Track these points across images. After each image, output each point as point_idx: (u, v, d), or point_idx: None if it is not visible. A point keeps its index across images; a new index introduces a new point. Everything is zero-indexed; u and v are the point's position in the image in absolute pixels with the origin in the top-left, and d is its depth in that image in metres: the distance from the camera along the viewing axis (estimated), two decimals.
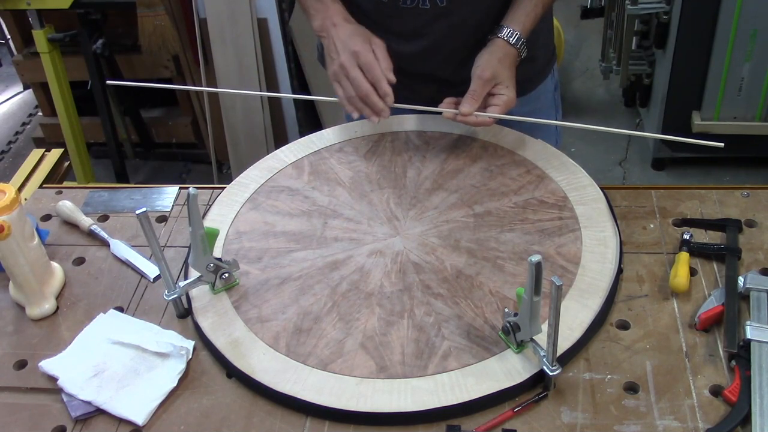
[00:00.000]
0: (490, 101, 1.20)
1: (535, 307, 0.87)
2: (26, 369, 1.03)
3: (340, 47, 1.22)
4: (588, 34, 3.77)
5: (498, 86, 1.19)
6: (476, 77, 1.19)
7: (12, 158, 3.45)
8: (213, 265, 1.05)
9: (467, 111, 1.17)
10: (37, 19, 2.55)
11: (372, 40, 1.23)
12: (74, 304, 1.12)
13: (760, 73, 2.50)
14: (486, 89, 1.19)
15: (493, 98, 1.20)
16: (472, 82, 1.19)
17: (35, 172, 1.57)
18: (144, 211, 0.95)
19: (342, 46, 1.22)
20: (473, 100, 1.18)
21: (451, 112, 1.20)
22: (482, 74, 1.19)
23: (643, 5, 2.61)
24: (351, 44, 1.21)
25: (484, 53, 1.22)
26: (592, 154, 3.07)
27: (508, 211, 1.15)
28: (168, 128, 3.19)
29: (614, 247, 1.07)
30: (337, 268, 1.09)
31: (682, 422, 0.87)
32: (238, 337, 1.01)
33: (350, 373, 0.94)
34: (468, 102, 1.18)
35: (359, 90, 1.21)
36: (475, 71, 1.20)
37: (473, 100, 1.18)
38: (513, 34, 1.21)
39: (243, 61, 2.74)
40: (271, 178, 1.28)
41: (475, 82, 1.19)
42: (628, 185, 1.71)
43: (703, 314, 0.98)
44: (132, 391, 0.96)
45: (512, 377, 0.92)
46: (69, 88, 2.73)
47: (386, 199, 1.21)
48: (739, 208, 1.16)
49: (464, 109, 1.17)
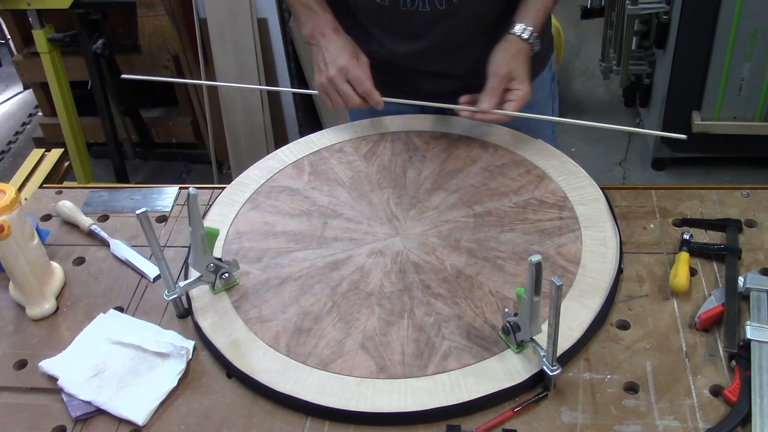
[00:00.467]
0: (506, 97, 1.22)
1: (535, 307, 0.87)
2: (26, 369, 1.03)
3: (329, 60, 1.26)
4: (588, 34, 3.77)
5: (513, 81, 1.21)
6: (492, 74, 1.21)
7: (12, 158, 3.45)
8: (213, 265, 1.05)
9: (486, 107, 1.19)
10: (37, 19, 2.55)
11: (359, 55, 1.28)
12: (74, 304, 1.12)
13: (760, 73, 2.50)
14: (503, 85, 1.21)
15: (510, 93, 1.21)
16: (489, 79, 1.21)
17: (35, 172, 1.57)
18: (144, 211, 0.95)
19: (330, 60, 1.26)
20: (491, 97, 1.20)
21: (468, 110, 1.22)
22: (498, 71, 1.20)
23: (643, 5, 2.61)
24: (339, 59, 1.25)
25: (498, 50, 1.23)
26: (592, 154, 3.07)
27: (508, 211, 1.15)
28: (168, 128, 3.19)
29: (614, 247, 1.07)
30: (337, 268, 1.09)
31: (682, 422, 0.87)
32: (238, 337, 1.01)
33: (350, 373, 0.94)
34: (486, 99, 1.20)
35: (350, 103, 1.26)
36: (491, 68, 1.21)
37: (491, 96, 1.20)
38: (525, 29, 1.22)
39: (243, 61, 2.74)
40: (271, 178, 1.28)
41: (491, 79, 1.21)
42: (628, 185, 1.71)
43: (703, 314, 0.98)
44: (132, 391, 0.96)
45: (512, 377, 0.92)
46: (69, 88, 2.73)
47: (386, 199, 1.21)
48: (739, 208, 1.16)
49: (483, 105, 1.19)
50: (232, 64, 2.75)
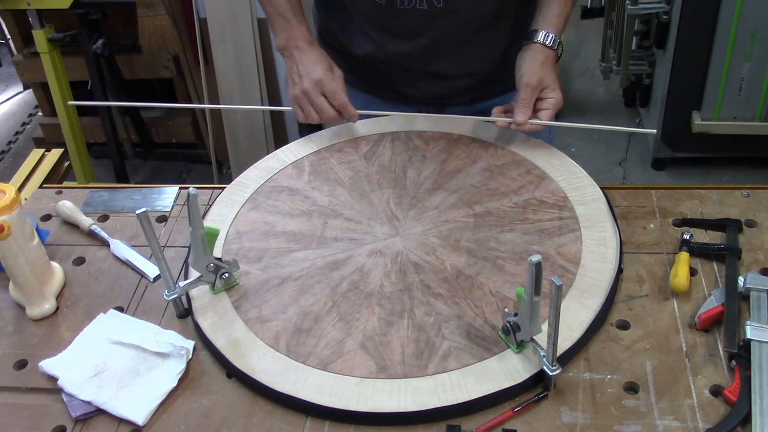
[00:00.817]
0: (539, 105, 1.22)
1: (535, 307, 0.87)
2: (26, 369, 1.02)
3: (303, 72, 1.26)
4: (588, 34, 3.77)
5: (545, 90, 1.22)
6: (524, 85, 1.21)
7: (12, 158, 3.45)
8: (213, 265, 1.05)
9: (522, 120, 1.20)
10: (37, 19, 2.55)
11: (333, 69, 1.28)
12: (74, 304, 1.12)
13: (760, 73, 2.50)
14: (535, 95, 1.21)
15: (542, 102, 1.22)
16: (521, 91, 1.21)
17: (35, 172, 1.57)
18: (144, 211, 0.95)
19: (305, 72, 1.26)
20: (525, 108, 1.20)
21: (505, 121, 1.22)
22: (529, 82, 1.20)
23: (643, 5, 2.61)
24: (314, 72, 1.25)
25: (525, 60, 1.23)
26: (592, 154, 3.08)
27: (508, 211, 1.15)
28: (168, 128, 3.19)
29: (614, 247, 1.07)
30: (337, 268, 1.09)
31: (682, 422, 0.87)
32: (238, 337, 1.01)
33: (350, 373, 0.94)
34: (521, 111, 1.20)
35: (324, 115, 1.26)
36: (521, 80, 1.21)
37: (525, 108, 1.20)
38: (548, 36, 1.22)
39: (243, 61, 2.74)
40: (271, 178, 1.28)
41: (523, 91, 1.21)
42: (628, 185, 1.71)
43: (703, 314, 0.98)
44: (132, 391, 0.96)
45: (512, 377, 0.91)
46: (69, 88, 2.73)
47: (386, 199, 1.21)
48: (739, 208, 1.16)
49: (519, 119, 1.20)
50: (232, 64, 2.75)
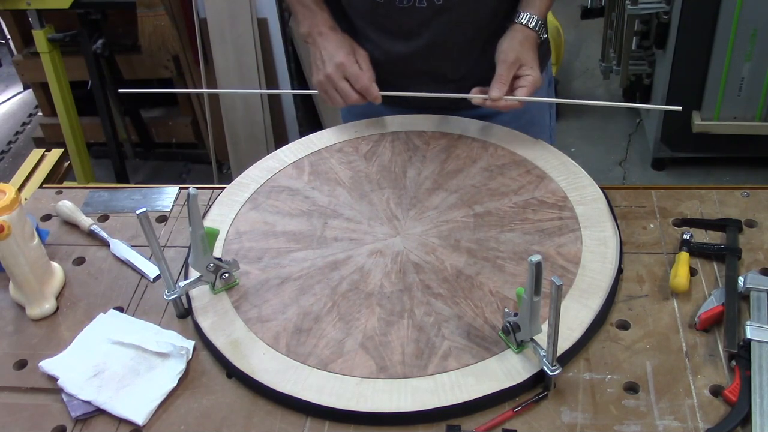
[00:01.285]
0: (516, 83, 1.22)
1: (535, 307, 0.87)
2: (26, 369, 1.03)
3: (326, 58, 1.27)
4: (588, 34, 3.77)
5: (522, 68, 1.21)
6: (501, 62, 1.21)
7: (12, 158, 3.45)
8: (213, 265, 1.05)
9: (497, 96, 1.20)
10: (37, 19, 2.55)
11: (356, 50, 1.28)
12: (74, 304, 1.12)
13: (760, 73, 2.50)
14: (512, 72, 1.21)
15: (519, 80, 1.22)
16: (498, 67, 1.21)
17: (35, 172, 1.57)
18: (144, 211, 0.95)
19: (328, 57, 1.27)
20: (501, 84, 1.20)
21: (480, 97, 1.22)
22: (506, 58, 1.21)
23: (643, 5, 2.61)
24: (336, 56, 1.26)
25: (504, 39, 1.23)
26: (592, 154, 3.08)
27: (508, 211, 1.15)
28: (168, 128, 3.19)
29: (614, 247, 1.07)
30: (337, 268, 1.09)
31: (682, 422, 0.87)
32: (238, 337, 1.01)
33: (350, 373, 0.94)
34: (496, 86, 1.20)
35: (348, 99, 1.27)
36: (499, 56, 1.22)
37: (501, 84, 1.20)
38: (531, 18, 1.23)
39: (243, 61, 2.74)
40: (271, 178, 1.28)
41: (500, 67, 1.21)
42: (628, 185, 1.71)
43: (703, 314, 0.98)
44: (132, 391, 0.96)
45: (512, 377, 0.91)
46: (69, 88, 2.73)
47: (386, 199, 1.21)
48: (739, 208, 1.16)
49: (494, 94, 1.20)
50: (232, 64, 2.75)
